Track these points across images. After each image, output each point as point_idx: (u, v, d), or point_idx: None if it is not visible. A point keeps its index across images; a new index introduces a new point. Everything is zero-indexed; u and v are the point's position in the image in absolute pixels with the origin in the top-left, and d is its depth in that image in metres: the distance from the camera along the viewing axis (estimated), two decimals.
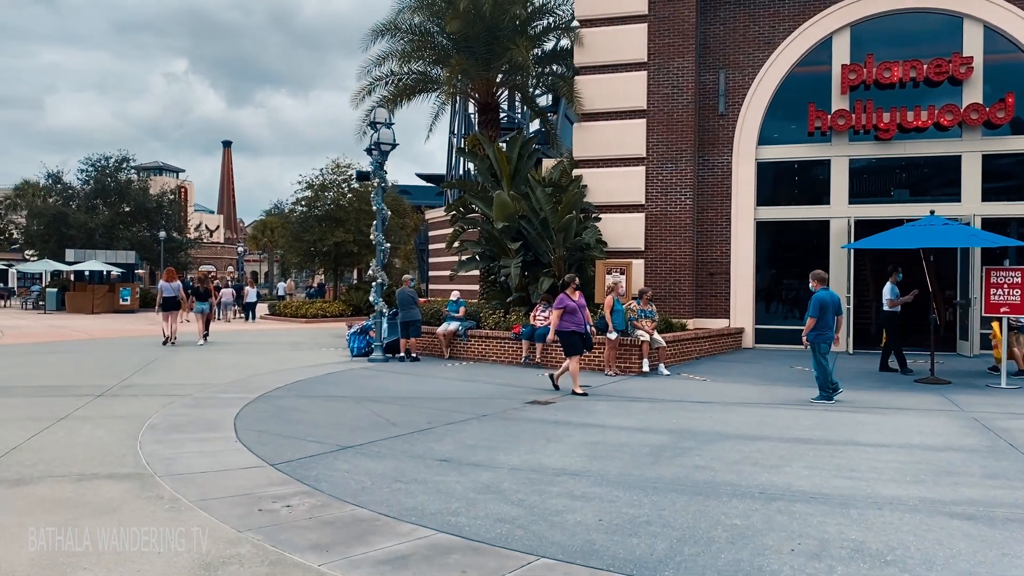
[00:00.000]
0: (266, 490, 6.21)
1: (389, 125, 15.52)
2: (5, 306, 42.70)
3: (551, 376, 12.15)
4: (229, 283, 36.56)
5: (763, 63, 18.84)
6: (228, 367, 14.46)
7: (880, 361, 14.66)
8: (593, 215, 18.03)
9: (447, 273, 36.97)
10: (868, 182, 18.89)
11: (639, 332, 14.03)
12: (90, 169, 42.94)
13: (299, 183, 34.39)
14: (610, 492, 6.23)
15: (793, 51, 18.69)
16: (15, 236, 50.35)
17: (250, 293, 32.82)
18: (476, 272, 20.02)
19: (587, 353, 12.66)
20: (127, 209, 43.33)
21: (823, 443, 8.23)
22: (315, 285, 43.11)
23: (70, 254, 37.17)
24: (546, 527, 5.35)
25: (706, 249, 18.93)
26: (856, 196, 18.60)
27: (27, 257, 49.13)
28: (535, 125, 34.83)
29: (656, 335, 14.19)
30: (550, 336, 12.29)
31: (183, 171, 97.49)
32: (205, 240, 69.97)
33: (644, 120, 18.50)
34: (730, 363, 15.99)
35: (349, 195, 33.95)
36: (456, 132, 45.05)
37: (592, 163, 18.81)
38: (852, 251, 17.81)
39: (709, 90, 19.06)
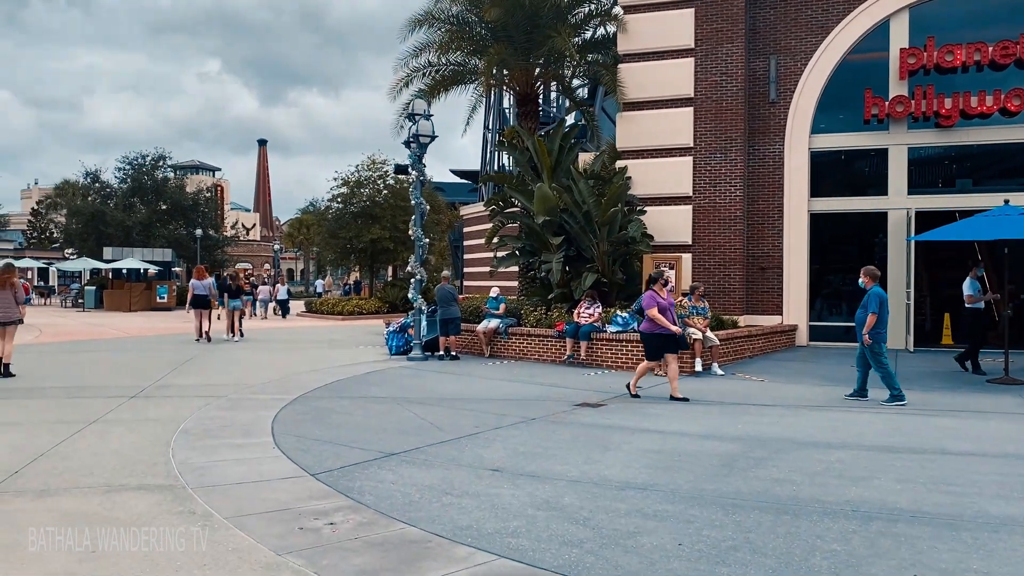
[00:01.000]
0: (306, 504, 5.69)
1: (428, 117, 14.99)
2: (46, 304, 43.06)
3: (627, 386, 11.11)
4: (265, 280, 36.41)
5: (816, 48, 17.99)
6: (264, 366, 14.05)
7: (965, 360, 13.65)
8: (638, 208, 17.35)
9: (482, 270, 36.50)
10: (928, 171, 17.96)
11: (691, 330, 13.33)
12: (127, 168, 43.14)
13: (335, 180, 34.12)
14: (685, 510, 5.61)
15: (848, 35, 17.81)
16: (55, 235, 50.88)
17: (281, 290, 32.61)
18: (515, 268, 19.44)
19: (682, 353, 11.85)
20: (164, 207, 43.46)
21: (908, 452, 7.52)
22: (351, 282, 42.82)
23: (108, 252, 37.31)
24: (619, 552, 4.75)
25: (757, 242, 18.14)
26: (916, 186, 17.68)
27: (67, 255, 49.62)
28: (571, 119, 34.20)
29: (709, 333, 13.50)
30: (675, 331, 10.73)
31: (219, 169, 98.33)
32: (241, 238, 70.29)
33: (691, 108, 17.77)
34: (785, 362, 15.23)
35: (385, 191, 33.55)
36: (490, 127, 44.54)
37: (636, 154, 18.11)
38: (913, 244, 16.92)
39: (759, 77, 18.25)
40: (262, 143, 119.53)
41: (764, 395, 11.24)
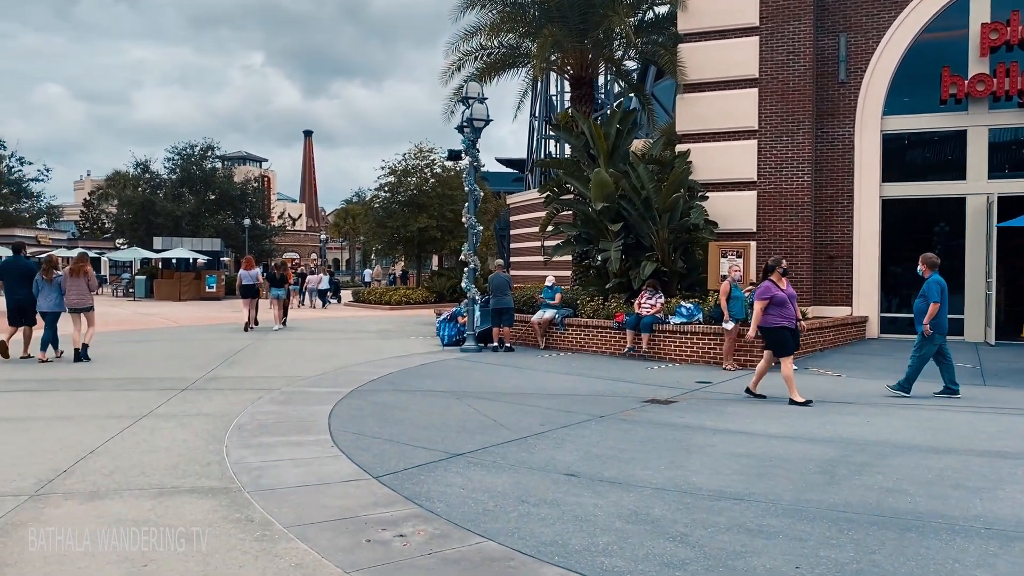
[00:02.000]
0: (372, 512, 5.21)
1: (482, 100, 14.44)
2: (98, 294, 43.60)
3: (748, 389, 10.04)
4: (314, 270, 36.37)
5: (889, 25, 17.02)
6: (316, 358, 13.70)
7: None
8: (699, 194, 16.61)
9: (529, 259, 35.90)
10: (1011, 154, 16.89)
11: None
12: (176, 158, 43.44)
13: (382, 169, 33.85)
14: (792, 525, 5.01)
15: (923, 10, 16.81)
16: (107, 225, 51.58)
17: (323, 280, 32.48)
18: (568, 257, 18.83)
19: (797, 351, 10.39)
20: (212, 197, 43.71)
21: None
22: (397, 272, 42.62)
23: (158, 242, 37.60)
24: None
25: (825, 230, 17.29)
26: (997, 170, 16.65)
27: (118, 245, 50.26)
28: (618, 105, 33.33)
29: None
30: (750, 334, 10.07)
31: (266, 160, 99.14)
32: (288, 228, 70.69)
33: (756, 89, 16.94)
34: (858, 356, 14.42)
35: (431, 180, 33.20)
36: (537, 115, 43.90)
37: (697, 137, 17.36)
38: (995, 232, 15.91)
39: (828, 56, 17.34)
40: (308, 134, 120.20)
41: (844, 392, 10.52)
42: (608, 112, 26.12)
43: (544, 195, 18.01)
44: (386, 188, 33.45)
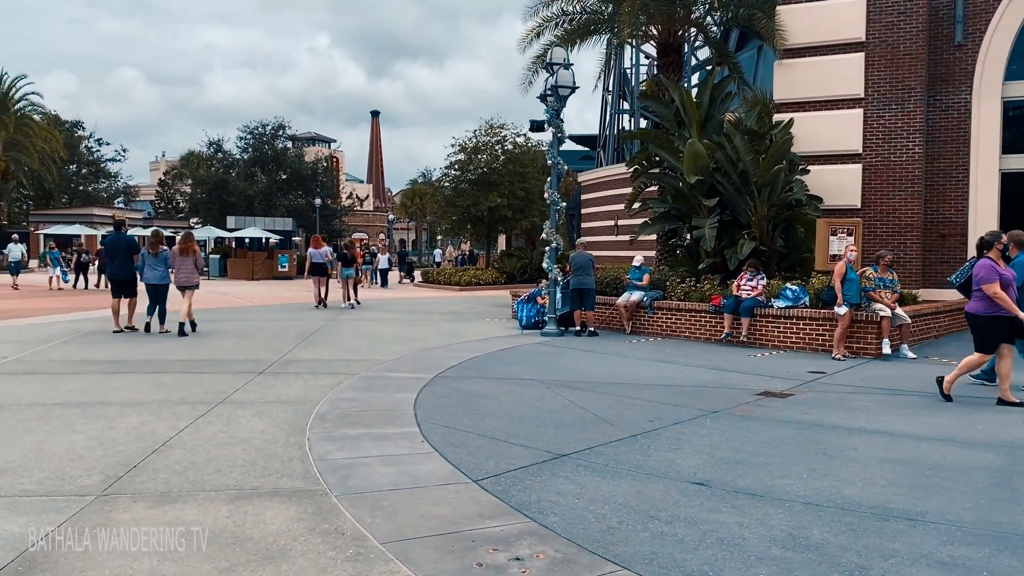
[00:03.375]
0: (478, 525, 4.48)
1: (568, 66, 13.54)
2: (204, 273, 44.33)
3: (940, 388, 8.43)
4: (386, 250, 36.09)
5: None
6: (393, 340, 13.11)
7: None
8: (799, 167, 15.40)
9: (601, 239, 34.89)
10: None
11: (877, 306, 11.51)
12: (248, 137, 43.63)
13: (452, 146, 33.20)
14: (993, 557, 4.07)
15: None
16: (181, 205, 52.38)
17: (382, 260, 32.08)
18: (652, 236, 17.83)
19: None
20: (284, 176, 43.83)
21: None
22: (465, 252, 42.08)
23: (231, 221, 37.81)
24: None
25: (937, 206, 15.90)
26: None
27: (192, 225, 50.99)
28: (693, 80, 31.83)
29: (899, 310, 11.62)
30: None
31: (335, 141, 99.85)
32: (356, 208, 70.97)
33: (862, 54, 15.61)
34: None
35: (502, 157, 32.41)
36: (611, 89, 42.60)
37: (795, 106, 16.12)
38: None
39: (943, 16, 15.86)
40: (375, 114, 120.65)
41: (980, 385, 9.37)
42: (698, 81, 24.81)
43: (631, 169, 17.01)
44: (456, 166, 32.80)
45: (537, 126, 14.09)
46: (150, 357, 10.73)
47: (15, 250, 27.47)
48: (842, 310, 11.31)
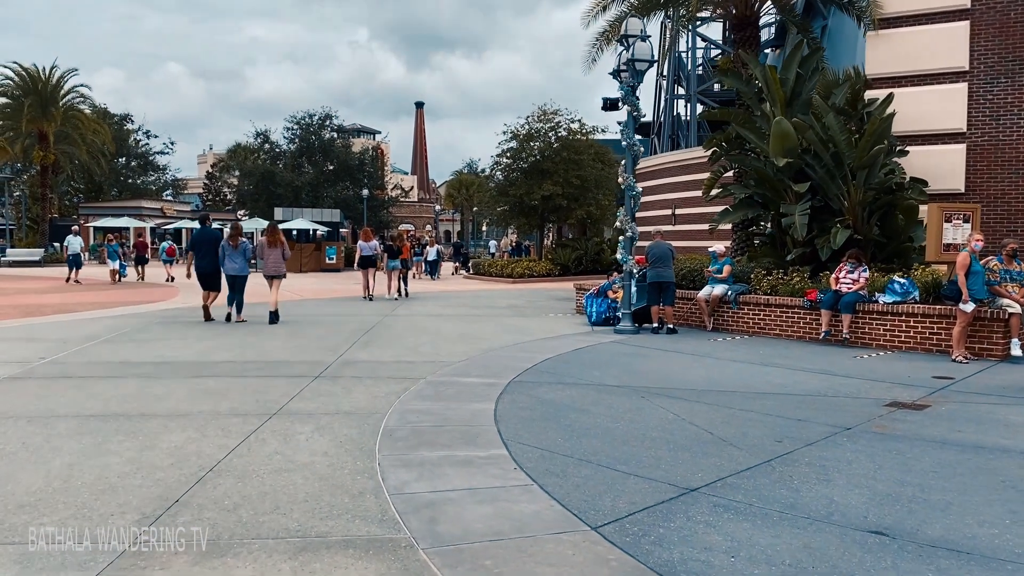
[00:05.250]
0: None
1: (645, 37, 12.34)
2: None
3: None
4: (434, 242, 35.18)
5: None
6: (455, 338, 12.10)
7: None
8: (896, 148, 13.99)
9: (653, 229, 33.53)
10: None
11: (1004, 301, 10.15)
12: (295, 127, 43.07)
13: (503, 133, 32.06)
14: None
15: None
16: (229, 197, 52.17)
17: (430, 252, 31.17)
18: (727, 226, 16.53)
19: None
20: (331, 167, 43.20)
21: None
22: (515, 243, 40.98)
23: (278, 213, 37.23)
24: None
25: None
26: None
27: (239, 217, 50.75)
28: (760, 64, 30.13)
29: None
30: None
31: (379, 132, 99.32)
32: (402, 200, 70.47)
33: (966, 22, 14.08)
34: None
35: (555, 144, 31.19)
36: (665, 74, 41.10)
37: (890, 81, 14.67)
38: None
39: None
40: (419, 105, 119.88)
41: None
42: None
43: (709, 152, 15.71)
44: (508, 154, 31.67)
45: (611, 104, 12.89)
46: (195, 358, 9.86)
47: (74, 243, 26.06)
48: (969, 306, 9.95)
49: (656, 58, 12.48)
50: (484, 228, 79.72)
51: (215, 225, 48.61)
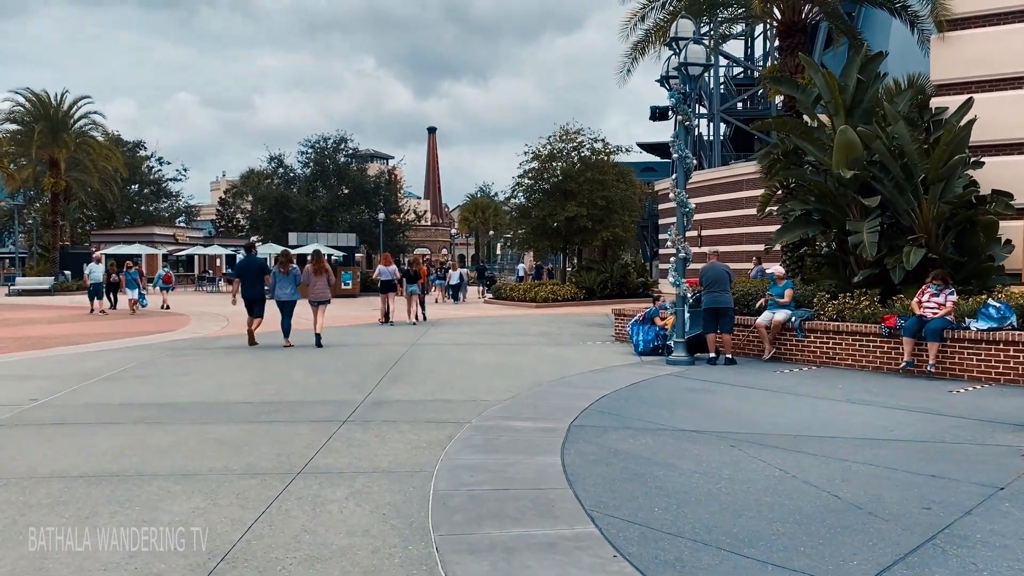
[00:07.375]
0: None
1: (698, 40, 11.26)
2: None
3: None
4: (457, 265, 34.13)
5: None
6: (491, 371, 10.94)
7: None
8: (971, 159, 12.82)
9: (708, 249, 32.33)
10: None
11: None
12: (309, 151, 42.31)
13: (524, 154, 31.08)
14: None
15: None
16: (242, 222, 51.43)
17: (453, 276, 30.20)
18: (776, 248, 15.32)
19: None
20: (346, 191, 42.34)
21: None
22: (536, 266, 39.80)
23: (293, 237, 36.35)
24: None
25: None
26: None
27: (253, 242, 49.94)
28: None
29: None
30: None
31: (392, 157, 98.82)
32: (417, 224, 69.71)
33: None
34: None
35: (578, 164, 30.18)
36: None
37: (959, 87, 13.54)
38: None
39: None
40: (431, 131, 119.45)
41: None
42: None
43: (765, 165, 14.57)
44: (529, 174, 30.65)
45: (660, 113, 12.38)
46: (205, 398, 8.73)
47: (96, 271, 24.26)
48: None
49: (710, 62, 11.36)
50: (499, 251, 78.82)
51: (227, 252, 47.82)
